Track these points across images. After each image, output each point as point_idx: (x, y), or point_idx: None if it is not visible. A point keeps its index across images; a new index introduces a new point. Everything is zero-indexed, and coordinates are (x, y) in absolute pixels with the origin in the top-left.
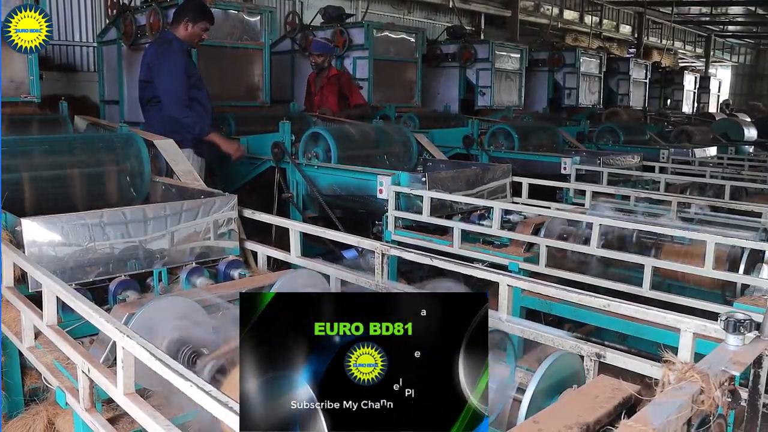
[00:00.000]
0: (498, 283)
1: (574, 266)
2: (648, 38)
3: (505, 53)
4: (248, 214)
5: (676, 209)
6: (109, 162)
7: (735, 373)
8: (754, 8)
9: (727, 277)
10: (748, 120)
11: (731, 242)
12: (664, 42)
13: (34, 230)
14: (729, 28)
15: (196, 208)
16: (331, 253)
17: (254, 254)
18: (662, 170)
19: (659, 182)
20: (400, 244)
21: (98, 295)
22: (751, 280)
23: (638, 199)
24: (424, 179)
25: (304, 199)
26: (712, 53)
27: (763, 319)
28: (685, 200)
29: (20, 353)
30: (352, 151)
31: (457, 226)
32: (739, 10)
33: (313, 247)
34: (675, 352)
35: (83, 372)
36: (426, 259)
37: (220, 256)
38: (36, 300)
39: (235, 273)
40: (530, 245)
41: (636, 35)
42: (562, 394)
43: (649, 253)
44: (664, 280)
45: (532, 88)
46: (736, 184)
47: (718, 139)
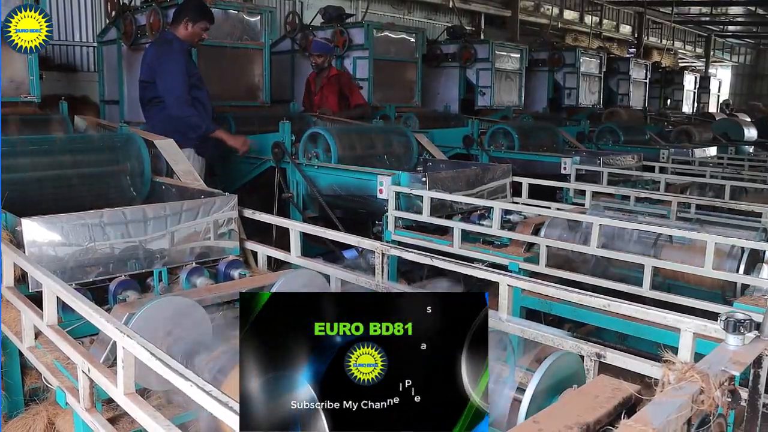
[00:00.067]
0: (498, 283)
1: (574, 266)
2: (648, 38)
3: (505, 53)
4: (248, 214)
5: (676, 209)
6: (109, 162)
7: (735, 373)
8: (754, 8)
9: (727, 277)
10: (748, 120)
11: (731, 242)
12: (664, 42)
13: (34, 230)
14: (729, 28)
15: (196, 208)
16: (331, 253)
17: (254, 254)
18: (662, 170)
19: (659, 182)
20: (400, 244)
21: (98, 295)
22: (751, 280)
23: (638, 199)
24: (424, 179)
25: (304, 199)
26: (712, 53)
27: (763, 319)
28: (685, 200)
29: (20, 353)
30: (352, 151)
31: (457, 226)
32: (739, 10)
33: (313, 247)
34: (675, 352)
35: (83, 372)
36: (426, 259)
37: (220, 256)
38: (36, 300)
39: (235, 273)
40: (530, 245)
41: (636, 35)
42: (562, 394)
43: (649, 253)
44: (664, 280)
45: (532, 88)
46: (736, 184)
47: (718, 139)
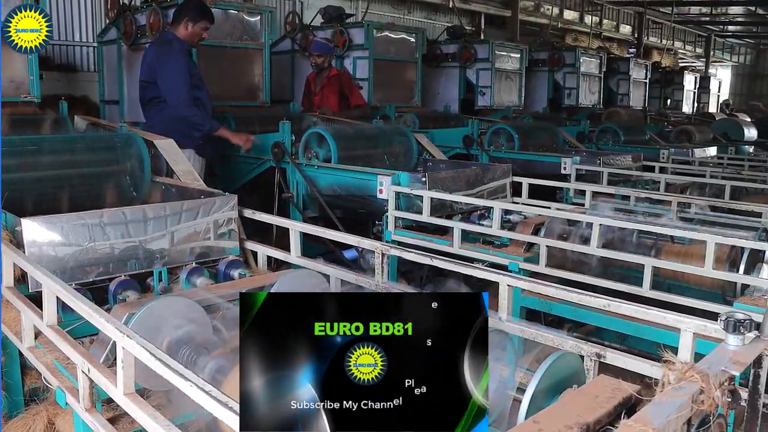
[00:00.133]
0: (498, 283)
1: (574, 266)
2: (648, 38)
3: (505, 53)
4: (248, 214)
5: (676, 209)
6: (109, 162)
7: (735, 373)
8: (754, 8)
9: (727, 277)
10: (748, 120)
11: (731, 242)
12: (664, 42)
13: (34, 230)
14: (729, 28)
15: (196, 208)
16: (331, 253)
17: (254, 254)
18: (662, 170)
19: (659, 182)
20: (400, 244)
21: (98, 295)
22: (751, 280)
23: (638, 199)
24: (424, 179)
25: (304, 199)
26: (712, 53)
27: (763, 319)
28: (685, 200)
29: (20, 353)
30: (352, 151)
31: (457, 226)
32: (739, 10)
33: (313, 247)
34: (675, 352)
35: (83, 372)
36: (426, 259)
37: (220, 256)
38: (36, 300)
39: (235, 273)
40: (530, 245)
41: (636, 35)
42: (562, 394)
43: (649, 253)
44: (664, 280)
45: (532, 88)
46: (736, 184)
47: (718, 139)
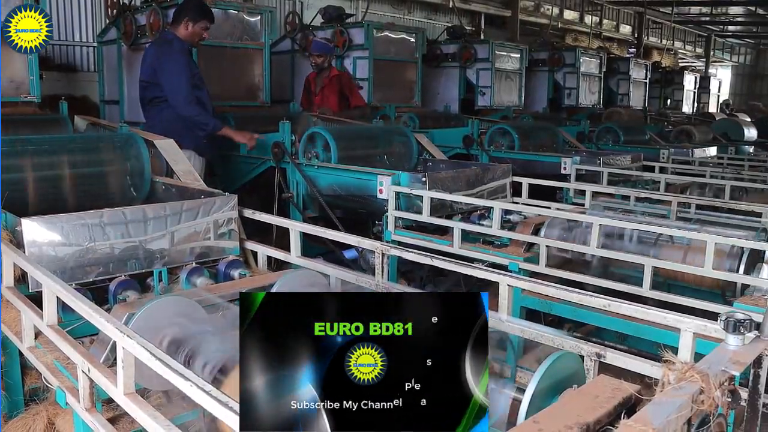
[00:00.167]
0: (498, 283)
1: (574, 266)
2: (648, 38)
3: (505, 53)
4: (248, 214)
5: (676, 209)
6: (109, 162)
7: (735, 373)
8: (754, 8)
9: (727, 277)
10: (748, 120)
11: (731, 242)
12: (664, 42)
13: (34, 230)
14: (729, 28)
15: (196, 208)
16: (331, 253)
17: (254, 254)
18: (662, 170)
19: (659, 182)
20: (400, 244)
21: (98, 295)
22: (751, 280)
23: (638, 199)
24: (424, 179)
25: (304, 199)
26: (712, 53)
27: (763, 319)
28: (685, 200)
29: (20, 353)
30: (352, 151)
31: (457, 226)
32: (739, 10)
33: (313, 247)
34: (675, 352)
35: (83, 372)
36: (426, 259)
37: (220, 256)
38: (36, 300)
39: (235, 273)
40: (530, 245)
41: (636, 35)
42: (562, 394)
43: (649, 253)
44: (664, 280)
45: (532, 88)
46: (736, 184)
47: (718, 139)
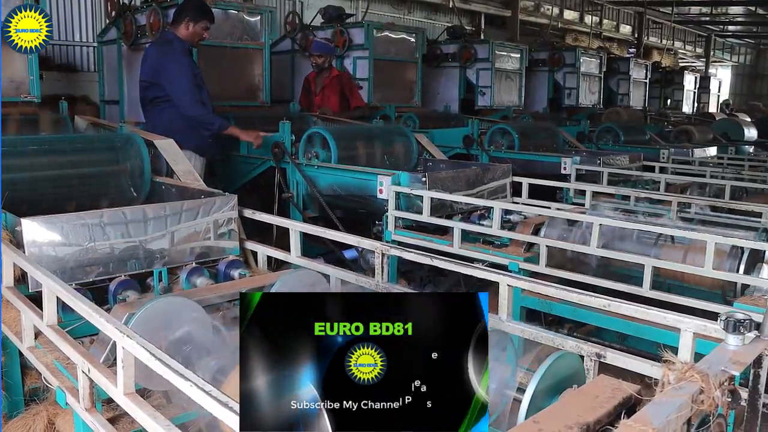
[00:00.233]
0: (498, 283)
1: (574, 266)
2: (648, 38)
3: (505, 53)
4: (248, 214)
5: (676, 209)
6: (109, 162)
7: (735, 373)
8: (754, 8)
9: (727, 277)
10: (748, 120)
11: (731, 242)
12: (664, 42)
13: (34, 230)
14: (729, 28)
15: (196, 208)
16: (331, 253)
17: (254, 254)
18: (662, 170)
19: (659, 182)
20: (400, 244)
21: (98, 295)
22: (751, 280)
23: (638, 199)
24: (424, 179)
25: (304, 199)
26: (712, 53)
27: (763, 319)
28: (685, 200)
29: (20, 353)
30: (352, 151)
31: (457, 226)
32: (739, 10)
33: (313, 247)
34: (675, 352)
35: (83, 372)
36: (426, 259)
37: (220, 256)
38: (36, 300)
39: (235, 273)
40: (530, 245)
41: (636, 35)
42: (562, 394)
43: (649, 253)
44: (665, 280)
45: (532, 88)
46: (736, 184)
47: (718, 139)
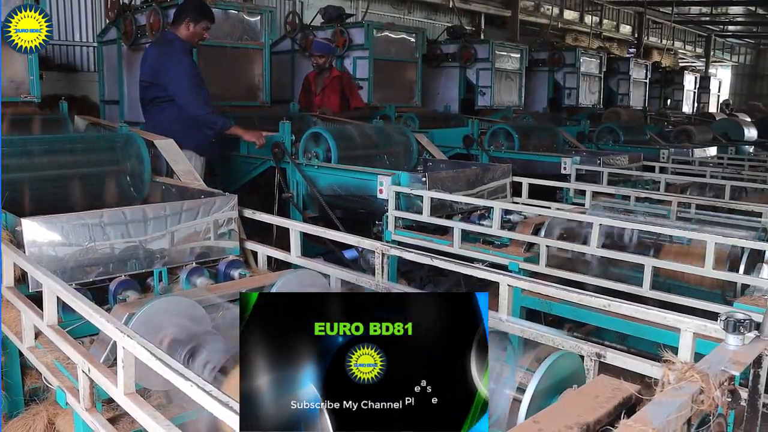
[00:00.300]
0: (498, 283)
1: (574, 266)
2: (648, 38)
3: (505, 53)
4: (248, 214)
5: (676, 209)
6: (109, 162)
7: (735, 373)
8: (754, 8)
9: (727, 277)
10: (748, 120)
11: (731, 242)
12: (664, 42)
13: (35, 230)
14: (729, 28)
15: (196, 208)
16: (331, 253)
17: (254, 254)
18: (662, 170)
19: (659, 182)
20: (400, 244)
21: (98, 295)
22: (751, 280)
23: (638, 199)
24: (424, 179)
25: (304, 199)
26: (712, 53)
27: (763, 319)
28: (685, 200)
29: (20, 353)
30: (352, 151)
31: (457, 226)
32: (739, 10)
33: (313, 247)
34: (675, 352)
35: (83, 372)
36: (426, 259)
37: (220, 256)
38: (36, 300)
39: (235, 273)
40: (530, 245)
41: (636, 35)
42: (562, 394)
43: (649, 253)
44: (665, 280)
45: (532, 88)
46: (736, 184)
47: (718, 139)
